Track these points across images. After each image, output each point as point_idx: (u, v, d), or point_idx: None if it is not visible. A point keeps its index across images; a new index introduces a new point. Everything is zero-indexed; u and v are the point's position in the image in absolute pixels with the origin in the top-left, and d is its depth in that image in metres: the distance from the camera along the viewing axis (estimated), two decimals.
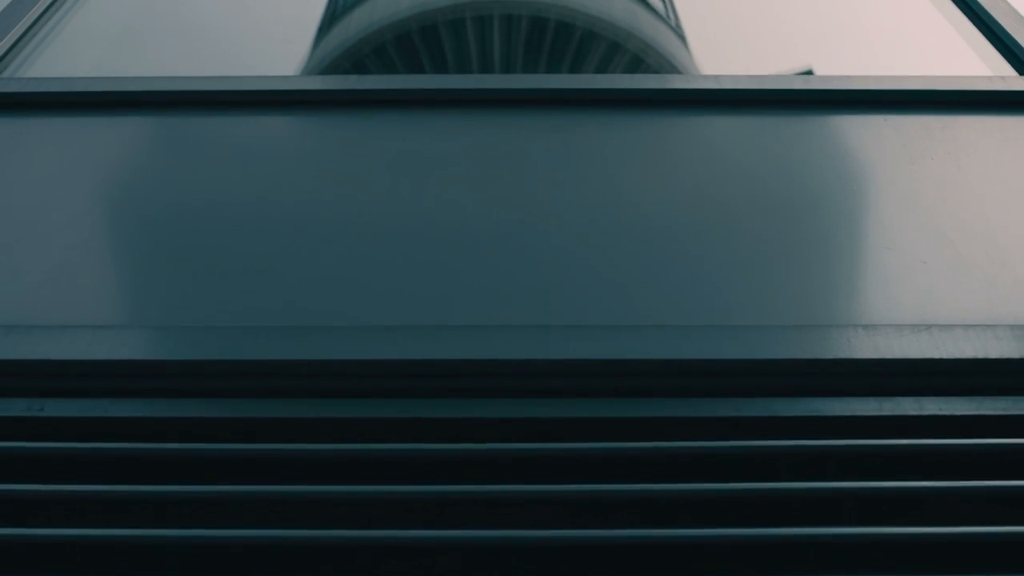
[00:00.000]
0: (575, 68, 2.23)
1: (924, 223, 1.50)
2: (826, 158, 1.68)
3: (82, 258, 1.42)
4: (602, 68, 2.24)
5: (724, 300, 1.35)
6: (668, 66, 2.26)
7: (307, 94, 1.82)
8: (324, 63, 2.24)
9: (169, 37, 2.23)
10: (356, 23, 2.42)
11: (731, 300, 1.35)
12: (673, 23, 2.45)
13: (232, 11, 2.42)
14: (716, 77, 1.85)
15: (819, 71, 2.19)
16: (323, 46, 2.31)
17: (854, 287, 1.38)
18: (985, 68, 2.03)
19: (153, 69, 2.08)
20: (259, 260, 1.41)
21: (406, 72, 2.20)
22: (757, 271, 1.40)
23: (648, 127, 1.76)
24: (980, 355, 1.23)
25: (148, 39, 2.22)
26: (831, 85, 1.84)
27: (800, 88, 1.83)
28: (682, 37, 2.38)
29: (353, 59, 2.27)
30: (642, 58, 2.31)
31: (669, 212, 1.53)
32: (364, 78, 1.85)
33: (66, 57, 2.09)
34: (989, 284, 1.36)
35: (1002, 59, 2.04)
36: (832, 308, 1.34)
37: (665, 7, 2.53)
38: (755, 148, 1.70)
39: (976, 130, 1.74)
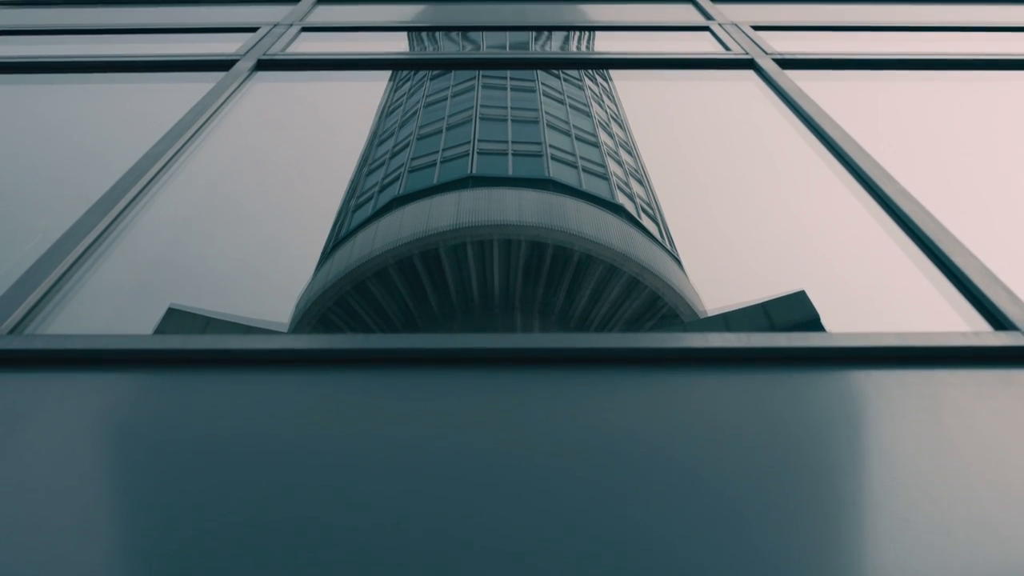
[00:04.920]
0: (573, 290, 2.29)
1: (906, 481, 1.51)
2: (808, 415, 1.70)
3: (95, 519, 1.44)
4: (599, 290, 2.29)
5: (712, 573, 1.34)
6: (664, 287, 2.31)
7: (313, 353, 1.89)
8: (327, 285, 2.30)
9: (179, 287, 2.32)
10: (359, 247, 2.50)
11: (718, 572, 1.33)
12: (667, 245, 2.52)
13: (237, 254, 2.51)
14: (704, 335, 1.92)
15: (810, 292, 2.25)
16: (326, 269, 2.38)
17: (838, 548, 1.37)
18: (962, 323, 2.09)
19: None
20: (263, 525, 1.42)
21: (406, 293, 2.26)
22: (742, 537, 1.40)
23: (641, 385, 1.80)
24: None
25: (160, 291, 2.30)
26: (811, 343, 1.90)
27: (782, 346, 1.88)
28: (677, 259, 2.45)
29: (355, 282, 2.33)
30: (639, 279, 2.36)
31: (655, 476, 1.54)
32: (369, 337, 1.92)
33: (84, 312, 2.17)
34: (972, 545, 1.36)
35: (977, 315, 2.11)
36: (816, 572, 1.32)
37: (660, 230, 2.61)
38: (740, 406, 1.73)
39: (954, 385, 1.78)
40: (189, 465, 1.57)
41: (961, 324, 2.08)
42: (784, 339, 1.90)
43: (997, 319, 2.06)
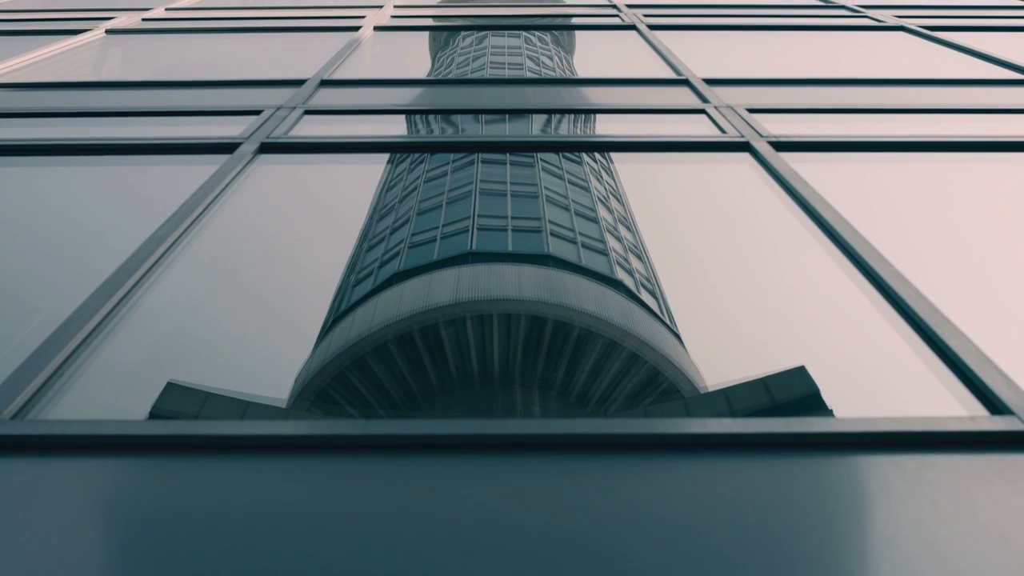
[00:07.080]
0: (573, 366, 2.28)
1: (904, 567, 1.49)
2: (804, 500, 1.69)
3: None
4: (599, 365, 2.28)
5: None
6: (664, 362, 2.31)
7: (312, 439, 1.88)
8: (326, 361, 2.30)
9: (182, 367, 2.31)
10: (358, 322, 2.51)
11: None
12: (667, 321, 2.52)
13: (239, 332, 2.52)
14: (702, 420, 1.92)
15: (810, 368, 2.24)
16: (325, 345, 2.38)
17: None
18: (958, 407, 2.09)
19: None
20: None
21: (406, 368, 2.25)
22: None
23: (640, 469, 1.79)
24: None
25: (164, 371, 2.29)
26: (807, 428, 1.90)
27: (779, 432, 1.88)
28: (677, 335, 2.45)
29: (354, 357, 2.33)
30: (639, 355, 2.36)
31: (651, 560, 1.52)
32: (369, 423, 1.92)
33: (88, 394, 2.16)
34: None
35: (974, 399, 2.11)
36: None
37: (659, 305, 2.62)
38: (737, 490, 1.72)
39: (950, 470, 1.77)
40: (188, 551, 1.55)
41: (957, 408, 2.07)
42: (781, 424, 1.90)
43: (993, 403, 2.05)
